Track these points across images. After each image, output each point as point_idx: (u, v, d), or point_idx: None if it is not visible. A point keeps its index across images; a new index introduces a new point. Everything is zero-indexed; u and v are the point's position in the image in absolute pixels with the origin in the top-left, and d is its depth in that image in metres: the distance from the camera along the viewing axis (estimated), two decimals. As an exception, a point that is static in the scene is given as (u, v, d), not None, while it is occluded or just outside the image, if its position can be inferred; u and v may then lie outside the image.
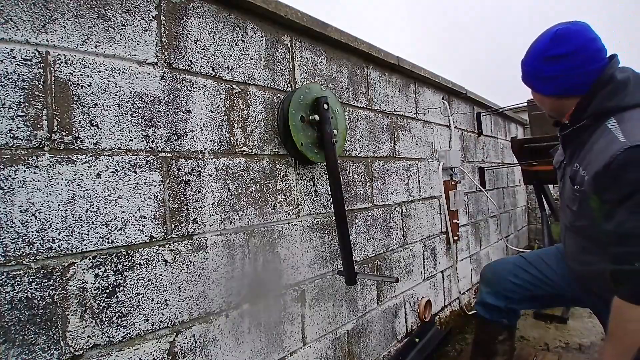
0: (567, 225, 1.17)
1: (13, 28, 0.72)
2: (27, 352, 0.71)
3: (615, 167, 0.87)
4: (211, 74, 1.07)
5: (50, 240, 0.75)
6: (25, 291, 0.72)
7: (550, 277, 1.32)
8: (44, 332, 0.73)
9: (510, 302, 1.38)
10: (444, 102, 2.41)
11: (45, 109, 0.76)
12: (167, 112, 0.96)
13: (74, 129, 0.79)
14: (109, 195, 0.84)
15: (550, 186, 3.23)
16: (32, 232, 0.73)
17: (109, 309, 0.83)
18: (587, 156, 0.99)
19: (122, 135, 0.87)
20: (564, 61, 0.99)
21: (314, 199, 1.39)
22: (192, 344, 0.98)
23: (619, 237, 0.90)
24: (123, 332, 0.85)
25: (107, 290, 0.83)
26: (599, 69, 0.98)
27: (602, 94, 0.96)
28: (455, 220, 2.38)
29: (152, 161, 0.92)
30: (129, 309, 0.86)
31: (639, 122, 0.90)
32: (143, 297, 0.88)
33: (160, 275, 0.92)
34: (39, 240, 0.74)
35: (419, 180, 2.08)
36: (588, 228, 1.06)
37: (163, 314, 0.92)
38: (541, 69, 1.04)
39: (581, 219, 1.07)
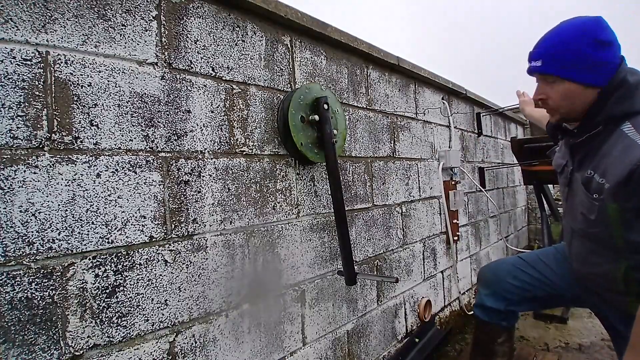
0: (576, 230, 1.15)
1: (13, 28, 0.72)
2: (27, 352, 0.71)
3: (639, 174, 0.84)
4: (211, 74, 1.07)
5: (50, 240, 0.75)
6: (25, 291, 0.72)
7: (550, 277, 1.32)
8: (44, 332, 0.73)
9: (509, 303, 1.37)
10: (443, 102, 2.41)
11: (45, 109, 0.76)
12: (167, 112, 0.96)
13: (74, 129, 0.79)
14: (109, 195, 0.84)
15: (550, 186, 3.23)
16: (32, 232, 0.73)
17: (109, 309, 0.83)
18: (603, 162, 0.94)
19: (122, 135, 0.87)
20: (612, 49, 0.91)
21: (314, 199, 1.39)
22: (192, 344, 0.98)
23: None
24: (123, 332, 0.85)
25: (107, 290, 0.83)
26: (616, 67, 0.93)
27: (615, 96, 0.91)
28: (455, 220, 2.38)
29: (152, 161, 0.92)
30: (129, 309, 0.86)
31: None
32: (143, 297, 0.88)
33: (160, 275, 0.92)
34: (39, 240, 0.74)
35: (419, 180, 2.08)
36: (600, 233, 1.03)
37: (163, 314, 0.92)
38: (589, 54, 0.91)
39: (597, 226, 1.03)
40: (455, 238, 2.37)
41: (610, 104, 0.91)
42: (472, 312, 2.42)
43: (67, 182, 0.78)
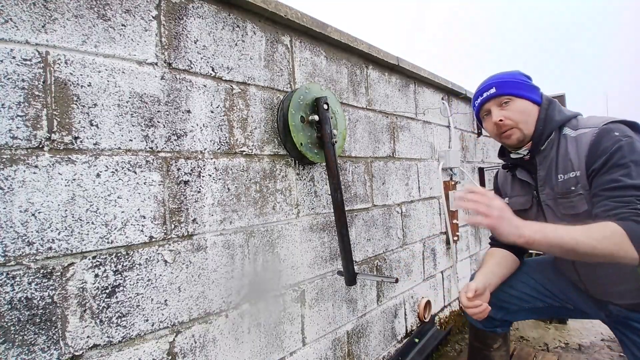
0: None
1: (13, 28, 0.72)
2: (26, 352, 0.71)
3: (595, 146, 0.98)
4: (211, 74, 1.07)
5: (50, 240, 0.75)
6: (25, 291, 0.72)
7: (550, 289, 1.25)
8: (43, 332, 0.73)
9: (506, 313, 1.31)
10: (443, 103, 2.42)
11: (45, 109, 0.76)
12: (167, 112, 0.96)
13: (74, 129, 0.79)
14: (108, 195, 0.84)
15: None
16: (32, 232, 0.73)
17: (109, 309, 0.83)
18: (566, 161, 1.05)
19: (122, 135, 0.87)
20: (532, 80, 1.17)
21: (314, 199, 1.39)
22: (192, 344, 0.98)
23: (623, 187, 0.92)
24: (123, 332, 0.85)
25: (107, 290, 0.83)
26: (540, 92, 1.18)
27: (552, 109, 1.10)
28: (455, 221, 2.38)
29: (151, 161, 0.92)
30: (129, 309, 0.86)
31: (588, 119, 1.07)
32: (143, 297, 0.88)
33: (160, 275, 0.92)
34: (38, 240, 0.74)
35: (418, 181, 2.08)
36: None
37: (163, 314, 0.92)
38: (525, 80, 1.13)
39: (591, 217, 0.99)
40: (455, 238, 2.37)
41: (553, 115, 1.10)
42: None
43: (67, 182, 0.78)
